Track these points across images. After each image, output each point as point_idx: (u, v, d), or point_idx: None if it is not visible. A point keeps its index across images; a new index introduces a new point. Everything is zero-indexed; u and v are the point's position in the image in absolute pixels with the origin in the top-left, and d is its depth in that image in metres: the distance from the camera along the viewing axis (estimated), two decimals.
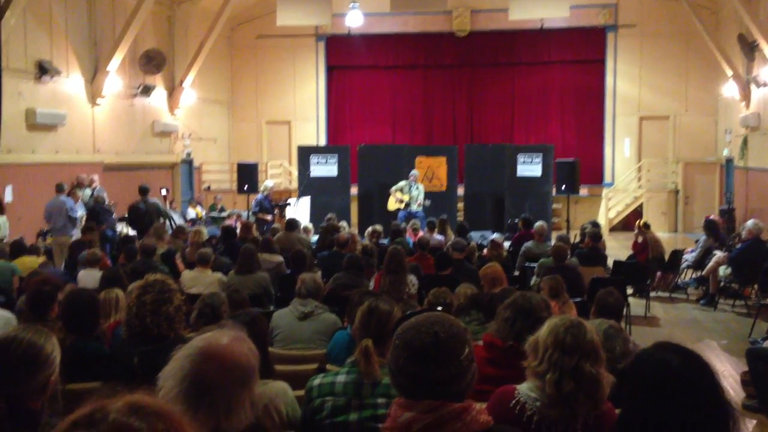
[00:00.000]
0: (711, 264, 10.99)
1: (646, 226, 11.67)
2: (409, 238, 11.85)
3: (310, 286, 5.88)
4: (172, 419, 1.05)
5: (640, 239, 11.62)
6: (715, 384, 1.83)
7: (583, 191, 19.15)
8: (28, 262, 9.05)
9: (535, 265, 9.25)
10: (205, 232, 10.80)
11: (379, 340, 2.99)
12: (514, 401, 2.68)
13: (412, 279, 7.39)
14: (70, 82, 15.07)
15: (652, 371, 1.92)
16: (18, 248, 9.49)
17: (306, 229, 12.58)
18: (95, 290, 5.73)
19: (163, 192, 17.07)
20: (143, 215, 12.80)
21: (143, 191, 13.22)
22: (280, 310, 6.06)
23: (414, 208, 15.46)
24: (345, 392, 2.95)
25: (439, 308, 4.86)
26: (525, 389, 2.73)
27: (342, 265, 7.99)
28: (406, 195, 15.70)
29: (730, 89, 17.72)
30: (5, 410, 2.01)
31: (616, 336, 3.58)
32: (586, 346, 2.65)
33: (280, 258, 9.27)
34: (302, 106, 22.29)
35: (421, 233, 11.80)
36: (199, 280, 7.91)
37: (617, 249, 14.95)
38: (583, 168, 17.63)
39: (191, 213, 17.47)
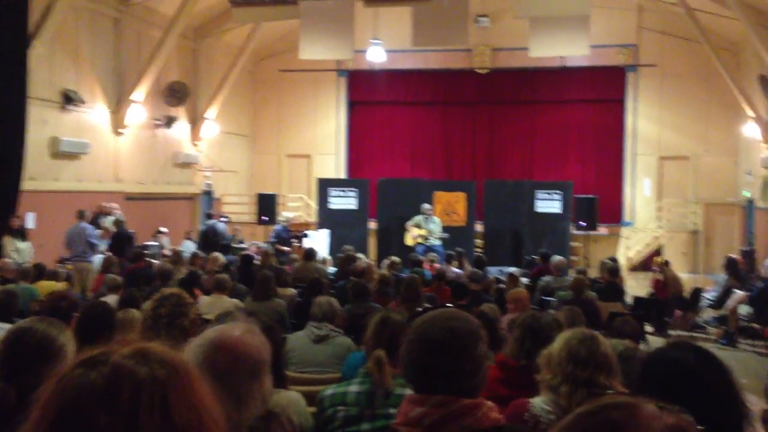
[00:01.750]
0: (731, 303, 10.87)
1: (666, 263, 11.59)
2: (427, 271, 11.83)
3: (326, 309, 5.87)
4: (176, 367, 1.05)
5: (660, 276, 11.53)
6: (730, 382, 1.81)
7: (602, 230, 19.05)
8: (48, 287, 9.12)
9: (553, 299, 9.20)
10: (222, 258, 10.85)
11: (391, 351, 2.98)
12: (527, 414, 2.66)
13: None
14: (95, 112, 15.31)
15: (667, 369, 1.90)
16: (39, 272, 9.58)
17: (324, 260, 12.60)
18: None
19: (224, 219, 17.35)
20: (213, 237, 14.97)
21: (209, 216, 15.85)
22: (295, 333, 6.06)
23: (432, 241, 15.43)
24: (357, 402, 2.94)
25: None
26: (539, 402, 2.71)
27: (348, 296, 7.91)
28: (424, 230, 15.70)
29: (750, 130, 17.65)
30: (15, 399, 2.02)
31: (631, 356, 3.54)
32: (599, 358, 2.64)
33: (293, 291, 9.28)
34: (323, 140, 22.47)
35: (438, 266, 11.79)
36: (216, 306, 7.91)
37: (636, 288, 14.79)
38: (602, 207, 17.58)
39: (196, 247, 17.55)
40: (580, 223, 15.77)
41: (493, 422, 1.87)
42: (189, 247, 14.94)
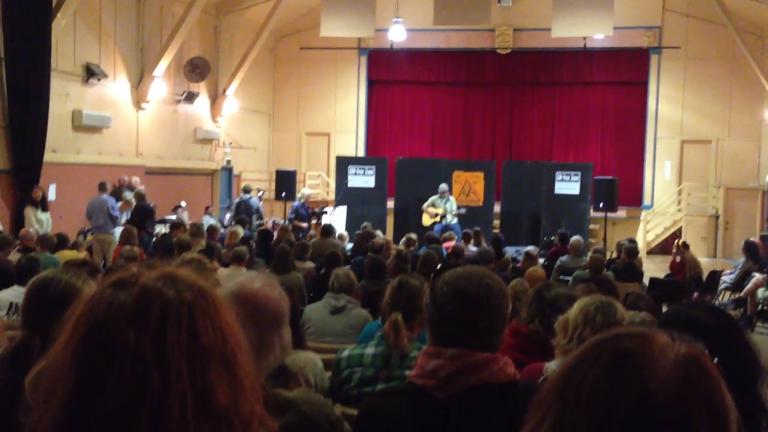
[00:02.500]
0: (749, 286, 10.81)
1: (685, 245, 11.53)
2: (444, 249, 11.84)
3: (343, 281, 5.92)
4: (202, 290, 1.08)
5: (678, 258, 11.48)
6: (745, 341, 1.81)
7: (621, 213, 18.94)
8: (69, 256, 9.21)
9: (570, 278, 9.19)
10: (241, 232, 10.92)
11: (408, 314, 3.01)
12: (542, 378, 2.68)
13: None
14: (117, 86, 15.40)
15: (683, 327, 1.91)
16: (61, 242, 9.69)
17: (341, 236, 12.64)
18: None
19: (260, 193, 17.55)
20: (246, 210, 15.45)
21: (246, 190, 16.34)
22: (312, 304, 6.11)
23: (449, 219, 15.43)
24: (373, 364, 2.97)
25: None
26: (553, 366, 2.73)
27: (365, 272, 7.93)
28: (440, 208, 15.69)
29: None
30: (40, 346, 2.07)
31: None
32: (615, 324, 2.65)
33: (311, 264, 9.33)
34: (342, 118, 22.46)
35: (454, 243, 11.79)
36: (233, 278, 7.97)
37: (654, 271, 14.73)
38: (621, 189, 17.47)
39: (228, 219, 17.65)
40: (599, 204, 15.69)
41: (508, 377, 1.89)
42: (208, 222, 15.02)
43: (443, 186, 15.96)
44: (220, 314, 1.08)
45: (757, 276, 10.88)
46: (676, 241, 12.04)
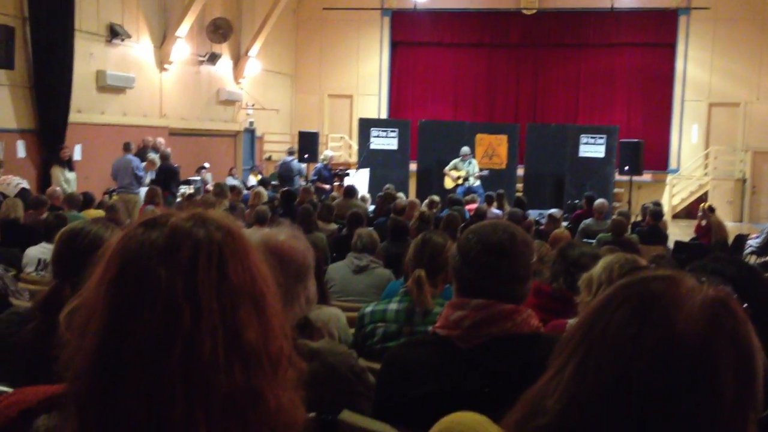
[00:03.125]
0: None
1: (711, 209, 11.42)
2: (466, 211, 11.82)
3: (366, 240, 5.94)
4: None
5: (703, 222, 11.39)
6: None
7: (647, 176, 18.77)
8: (95, 215, 9.32)
9: (593, 241, 9.15)
10: (265, 194, 10.97)
11: (431, 271, 3.02)
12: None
13: None
14: (140, 47, 15.40)
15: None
16: (87, 201, 9.79)
17: (363, 198, 12.65)
18: None
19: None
20: (287, 173, 15.60)
21: (290, 152, 16.35)
22: (335, 263, 6.14)
23: (471, 182, 15.38)
24: (396, 319, 3.00)
25: None
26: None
27: (387, 234, 7.94)
28: (462, 171, 15.63)
29: None
30: (70, 295, 2.10)
31: None
32: None
33: (335, 226, 9.37)
34: (365, 80, 22.34)
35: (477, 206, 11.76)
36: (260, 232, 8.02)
37: (679, 235, 14.62)
38: (647, 153, 17.26)
39: (252, 181, 17.71)
40: (625, 168, 15.54)
41: (531, 329, 1.90)
42: (232, 184, 15.09)
43: (465, 149, 15.87)
44: (248, 254, 1.09)
45: None
46: (702, 204, 11.93)
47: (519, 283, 1.96)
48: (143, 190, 11.89)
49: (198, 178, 15.39)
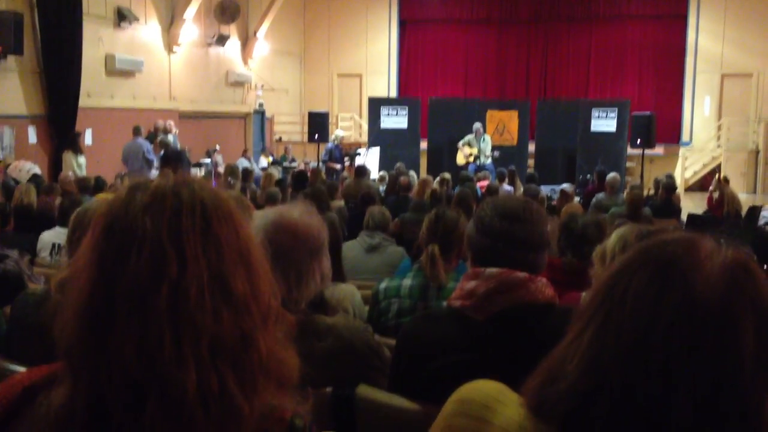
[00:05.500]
0: None
1: (726, 180, 11.34)
2: (478, 188, 11.80)
3: (378, 219, 5.93)
4: (216, 193, 1.12)
5: (716, 194, 11.30)
6: None
7: (659, 150, 18.64)
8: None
9: (606, 216, 9.10)
10: (276, 174, 10.97)
11: (444, 246, 3.02)
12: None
13: None
14: (148, 30, 15.37)
15: None
16: (99, 185, 9.81)
17: (381, 178, 12.67)
18: None
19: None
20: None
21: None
22: (347, 242, 6.14)
23: (483, 160, 15.34)
24: (411, 295, 3.00)
25: None
26: None
27: (408, 208, 8.05)
28: (474, 148, 15.57)
29: None
30: None
31: None
32: None
33: (341, 203, 9.39)
34: (374, 59, 22.24)
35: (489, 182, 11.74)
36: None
37: (692, 208, 14.52)
38: (659, 126, 17.13)
39: (263, 162, 17.72)
40: (637, 141, 15.44)
41: (547, 298, 1.90)
42: (245, 166, 15.10)
43: (477, 125, 15.80)
44: (233, 215, 1.11)
45: None
46: (716, 175, 11.84)
47: (533, 251, 1.96)
48: (154, 173, 11.92)
49: (209, 160, 15.40)
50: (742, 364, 0.91)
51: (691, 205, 15.52)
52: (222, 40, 17.76)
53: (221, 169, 14.12)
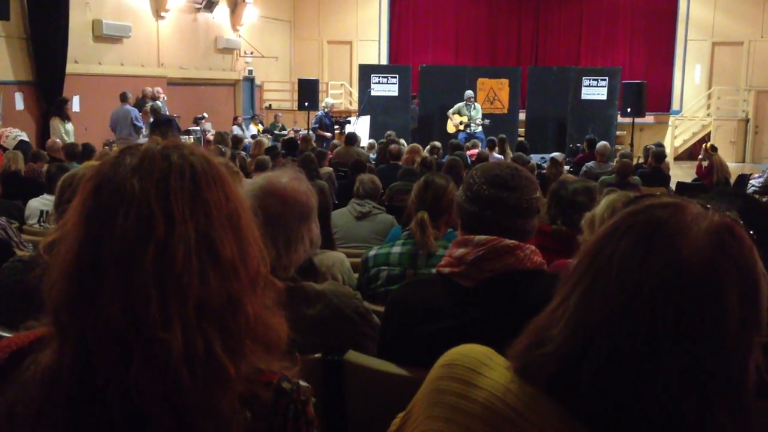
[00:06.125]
0: None
1: (713, 148, 11.35)
2: (468, 156, 11.78)
3: (368, 186, 5.92)
4: (206, 157, 1.11)
5: (705, 163, 11.32)
6: None
7: (649, 118, 18.64)
8: None
9: (595, 184, 9.12)
10: (267, 142, 10.93)
11: (434, 213, 3.01)
12: None
13: None
14: None
15: None
16: (87, 152, 9.74)
17: (371, 146, 12.64)
18: None
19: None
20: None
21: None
22: (337, 210, 6.14)
23: (473, 128, 15.30)
24: (400, 262, 3.00)
25: None
26: None
27: (397, 175, 8.04)
28: (465, 116, 15.53)
29: None
30: None
31: None
32: None
33: (329, 169, 9.39)
34: (364, 25, 22.04)
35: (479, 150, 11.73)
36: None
37: (681, 177, 14.57)
38: (650, 95, 17.12)
39: (253, 130, 17.62)
40: (627, 110, 15.44)
41: (535, 264, 1.90)
42: (237, 133, 15.02)
43: (469, 92, 15.74)
44: (223, 179, 1.11)
45: None
46: (704, 144, 11.86)
47: (521, 217, 1.96)
48: (143, 140, 11.84)
49: (198, 128, 15.30)
50: (727, 325, 0.92)
51: (681, 173, 15.57)
52: (210, 5, 17.55)
53: (211, 137, 14.05)
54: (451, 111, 15.73)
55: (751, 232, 0.98)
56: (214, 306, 1.03)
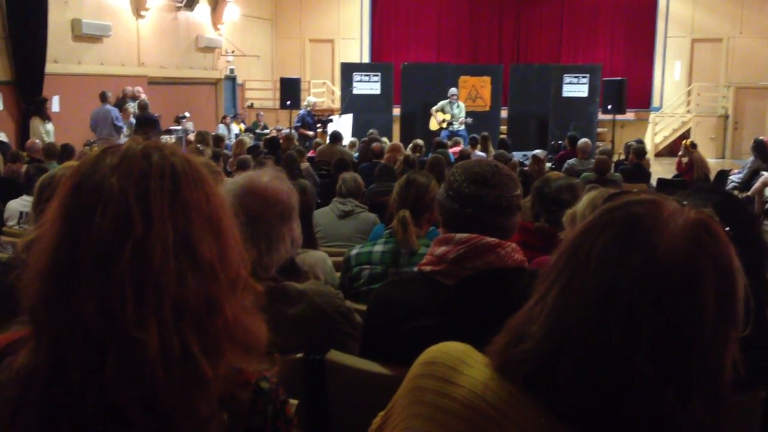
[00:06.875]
0: (757, 185, 10.77)
1: (693, 145, 11.44)
2: (451, 154, 11.80)
3: (351, 185, 5.92)
4: (187, 158, 1.11)
5: (685, 159, 11.41)
6: (752, 221, 1.82)
7: (630, 115, 18.75)
8: None
9: (577, 180, 9.17)
10: (248, 141, 10.89)
11: (415, 211, 3.02)
12: None
13: None
14: None
15: None
16: (68, 152, 9.66)
17: (353, 144, 12.63)
18: None
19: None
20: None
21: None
22: (320, 209, 6.13)
23: (456, 126, 15.33)
24: (382, 261, 3.00)
25: None
26: None
27: (374, 175, 8.02)
28: (448, 114, 15.55)
29: None
30: None
31: None
32: None
33: (306, 164, 9.42)
34: (346, 24, 22.01)
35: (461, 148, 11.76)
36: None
37: (662, 173, 14.68)
38: (630, 92, 17.22)
39: (235, 129, 17.54)
40: (608, 107, 15.53)
41: (516, 262, 1.91)
42: (222, 132, 14.96)
43: (453, 90, 15.77)
44: (204, 180, 1.11)
45: (766, 174, 10.84)
46: (684, 141, 11.95)
47: (502, 215, 1.97)
48: (123, 140, 11.76)
49: (179, 127, 15.22)
50: (704, 321, 0.93)
51: (661, 170, 15.68)
52: (191, 4, 17.45)
53: (192, 137, 13.97)
54: (434, 108, 15.75)
55: (727, 228, 0.99)
56: (192, 307, 1.03)
